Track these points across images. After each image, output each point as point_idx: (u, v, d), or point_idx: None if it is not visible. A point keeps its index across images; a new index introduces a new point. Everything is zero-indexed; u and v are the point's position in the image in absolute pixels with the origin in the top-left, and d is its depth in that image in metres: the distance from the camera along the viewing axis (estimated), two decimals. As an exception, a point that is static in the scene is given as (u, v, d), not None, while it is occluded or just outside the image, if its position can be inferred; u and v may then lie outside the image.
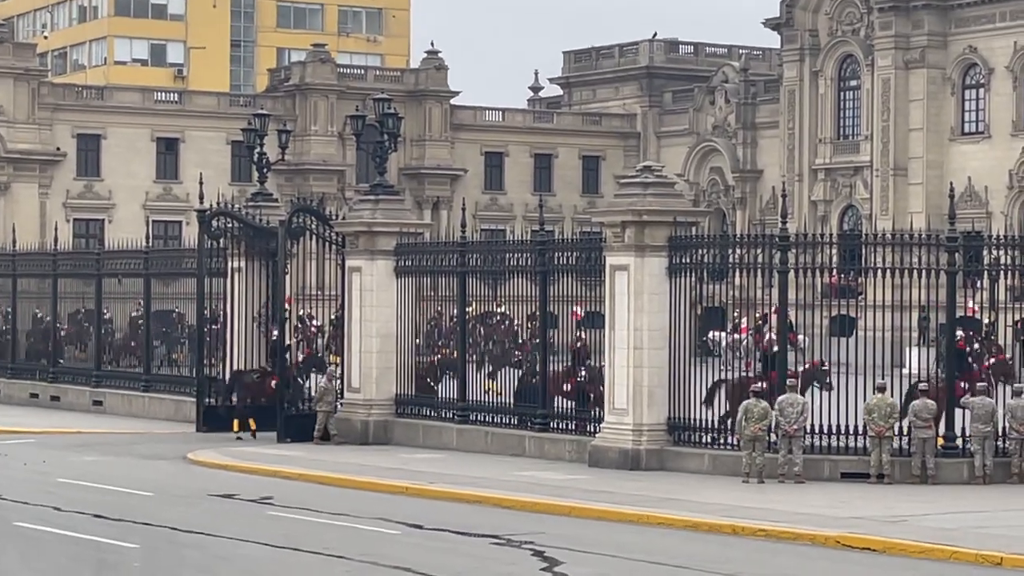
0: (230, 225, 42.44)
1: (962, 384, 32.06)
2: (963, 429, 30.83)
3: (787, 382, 31.11)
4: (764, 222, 78.78)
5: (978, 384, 31.76)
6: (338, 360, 40.92)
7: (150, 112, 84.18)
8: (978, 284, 33.66)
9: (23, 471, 32.89)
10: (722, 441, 31.94)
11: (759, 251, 32.24)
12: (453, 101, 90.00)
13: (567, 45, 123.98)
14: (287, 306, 41.70)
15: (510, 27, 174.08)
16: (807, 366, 33.99)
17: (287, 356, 40.30)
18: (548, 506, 27.47)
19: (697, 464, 31.93)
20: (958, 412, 31.03)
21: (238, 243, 42.42)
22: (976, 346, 39.18)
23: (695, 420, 32.31)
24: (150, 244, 49.18)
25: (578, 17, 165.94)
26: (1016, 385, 31.90)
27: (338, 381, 39.39)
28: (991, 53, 73.97)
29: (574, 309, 35.85)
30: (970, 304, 39.31)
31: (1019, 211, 72.74)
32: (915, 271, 31.23)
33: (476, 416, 36.75)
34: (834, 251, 32.36)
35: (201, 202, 42.96)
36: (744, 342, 38.97)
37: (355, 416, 38.79)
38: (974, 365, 35.50)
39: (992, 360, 40.09)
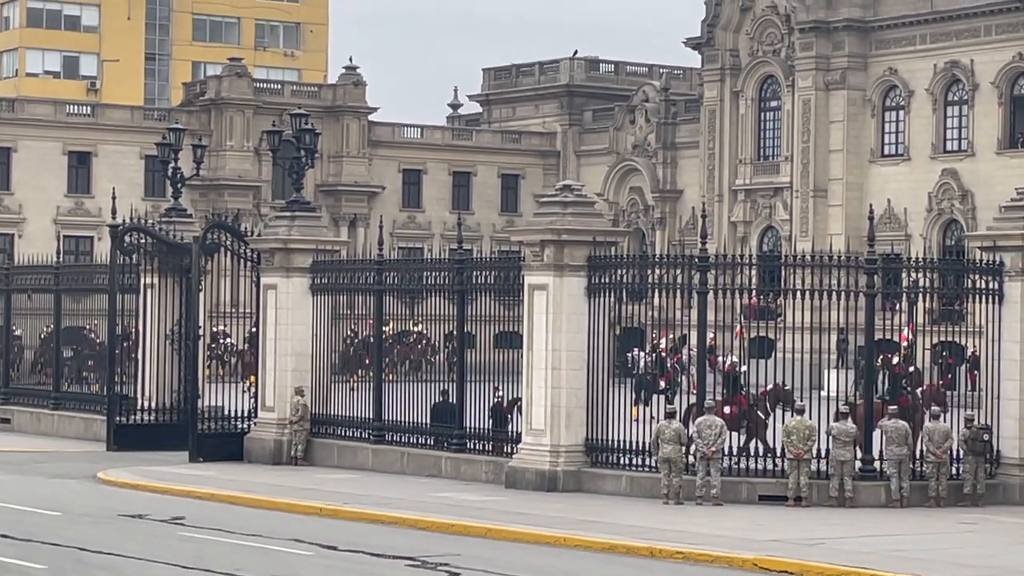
0: (143, 241, 42.04)
1: (727, 409, 32.41)
2: (880, 452, 30.82)
3: (705, 403, 30.98)
4: (683, 242, 78.92)
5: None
6: (253, 379, 40.42)
7: (62, 125, 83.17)
8: (896, 307, 33.69)
9: (-73, 490, 32.25)
10: (639, 463, 31.76)
11: (678, 271, 32.15)
12: (371, 117, 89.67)
13: (487, 62, 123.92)
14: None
15: (429, 43, 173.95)
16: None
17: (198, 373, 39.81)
18: (464, 528, 27.19)
19: (615, 486, 31.73)
20: (876, 435, 31.02)
21: (151, 259, 42.04)
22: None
23: (613, 441, 32.13)
24: (61, 259, 48.59)
25: (498, 34, 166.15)
26: (934, 408, 31.93)
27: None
28: (911, 75, 74.42)
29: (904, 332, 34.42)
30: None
31: (938, 234, 73.16)
32: (834, 293, 31.25)
33: (392, 436, 36.45)
34: (753, 272, 32.31)
35: (114, 217, 42.44)
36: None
37: (268, 435, 38.34)
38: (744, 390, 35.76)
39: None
